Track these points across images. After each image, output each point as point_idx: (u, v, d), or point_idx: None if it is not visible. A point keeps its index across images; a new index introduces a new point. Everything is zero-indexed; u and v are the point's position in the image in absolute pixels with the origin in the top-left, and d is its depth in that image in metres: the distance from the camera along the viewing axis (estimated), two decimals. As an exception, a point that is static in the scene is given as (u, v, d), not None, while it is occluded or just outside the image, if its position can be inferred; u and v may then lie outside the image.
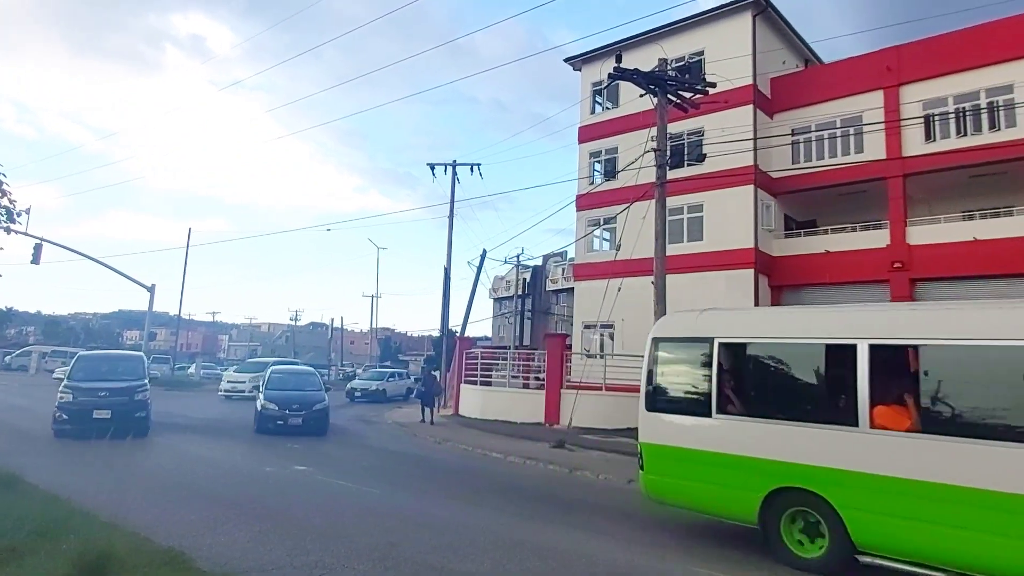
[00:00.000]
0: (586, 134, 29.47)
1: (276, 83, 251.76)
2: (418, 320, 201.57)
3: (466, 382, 22.28)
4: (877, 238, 22.79)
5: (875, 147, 22.97)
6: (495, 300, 57.88)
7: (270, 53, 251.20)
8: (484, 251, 29.95)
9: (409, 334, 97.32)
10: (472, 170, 28.56)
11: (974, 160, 20.93)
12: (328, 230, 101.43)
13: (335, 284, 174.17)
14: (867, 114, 23.13)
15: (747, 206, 23.98)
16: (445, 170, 28.52)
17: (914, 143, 22.37)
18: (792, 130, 25.06)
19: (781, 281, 24.51)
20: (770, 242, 24.71)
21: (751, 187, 23.99)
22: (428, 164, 28.48)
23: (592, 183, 28.61)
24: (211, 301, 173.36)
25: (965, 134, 21.71)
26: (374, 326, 63.96)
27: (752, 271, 23.46)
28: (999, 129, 21.03)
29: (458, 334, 28.33)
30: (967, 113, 21.77)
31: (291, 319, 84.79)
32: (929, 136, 22.32)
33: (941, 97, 22.20)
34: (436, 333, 34.50)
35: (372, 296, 59.50)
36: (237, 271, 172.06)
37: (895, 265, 21.99)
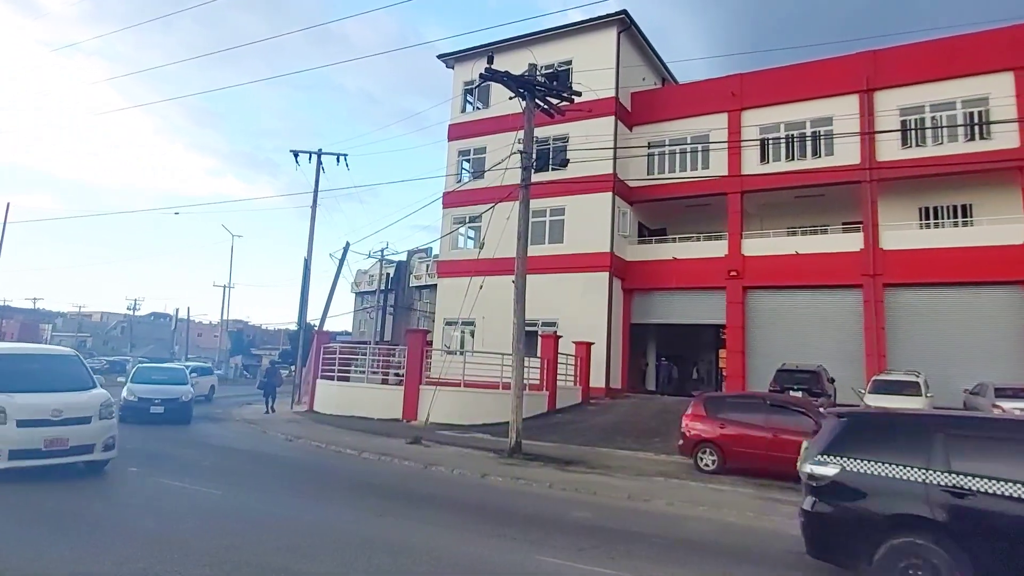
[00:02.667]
0: (456, 132, 29.58)
1: (119, 50, 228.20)
2: (275, 313, 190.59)
3: (323, 377, 21.55)
4: (717, 248, 24.93)
5: (719, 164, 25.08)
6: (357, 294, 56.48)
7: (113, 15, 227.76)
8: (347, 244, 29.11)
9: (264, 327, 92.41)
10: (338, 160, 27.59)
11: (799, 182, 23.48)
12: (176, 213, 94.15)
13: (182, 272, 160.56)
14: (713, 133, 25.25)
15: (605, 212, 25.24)
16: (310, 158, 27.33)
17: (751, 163, 24.69)
18: (648, 143, 26.77)
19: (633, 284, 26.09)
20: (625, 247, 26.20)
21: (610, 194, 25.28)
22: (292, 151, 27.07)
23: (459, 181, 28.78)
24: (33, 286, 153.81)
25: (793, 158, 24.29)
26: (225, 318, 59.89)
27: (608, 274, 24.75)
28: (820, 156, 23.75)
29: (316, 328, 27.32)
30: (795, 140, 24.37)
31: (129, 308, 77.46)
32: (764, 158, 24.74)
33: (775, 123, 24.68)
34: (294, 326, 33.00)
35: (224, 286, 55.56)
36: (66, 254, 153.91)
37: (731, 273, 24.16)
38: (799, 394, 16.93)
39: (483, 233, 23.12)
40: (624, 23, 26.46)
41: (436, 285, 31.01)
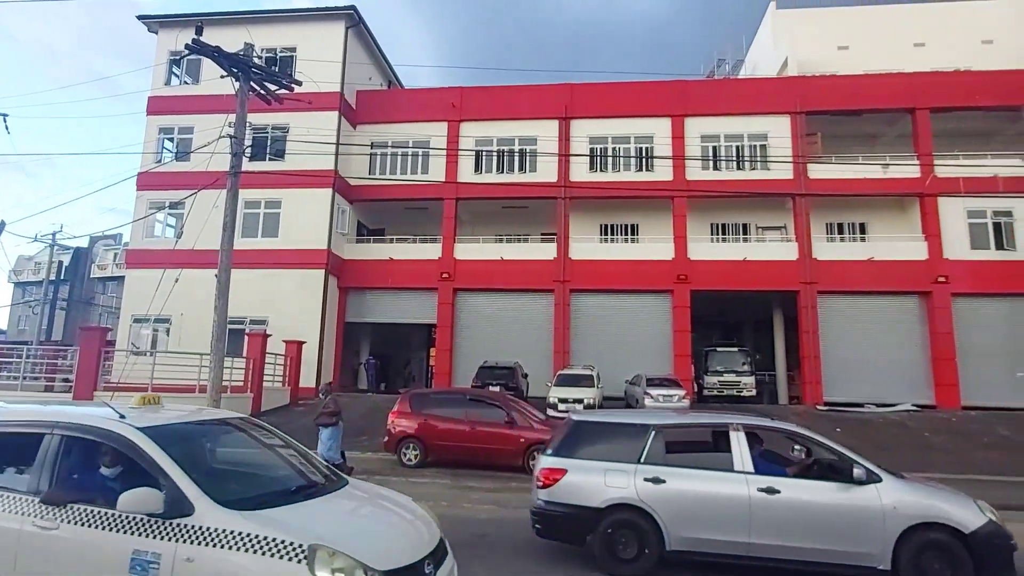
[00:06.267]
0: (158, 106, 26.41)
1: None
2: None
3: (-45, 386, 17.50)
4: (432, 251, 26.06)
5: (438, 170, 26.24)
6: (17, 285, 46.77)
7: None
8: (2, 223, 23.95)
9: None
10: (-7, 120, 22.55)
11: (506, 194, 25.67)
12: None
13: None
14: (434, 140, 26.35)
15: (324, 208, 24.73)
16: (-50, 113, 21.88)
17: (467, 172, 26.30)
18: (372, 143, 26.91)
19: (349, 283, 25.97)
20: (342, 245, 25.95)
21: (330, 190, 24.83)
22: (-81, 100, 21.38)
23: (159, 161, 25.69)
24: None
25: (503, 171, 26.48)
26: None
27: (324, 271, 24.27)
28: (525, 172, 26.26)
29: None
30: (505, 154, 26.61)
31: None
32: (478, 168, 26.56)
33: (489, 137, 26.66)
34: (-83, 322, 26.13)
35: None
36: None
37: (443, 276, 25.45)
38: (497, 389, 18.56)
39: (184, 221, 21.06)
40: (353, 19, 26.26)
41: (125, 277, 27.22)
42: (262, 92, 15.19)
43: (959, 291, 22.81)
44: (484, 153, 26.64)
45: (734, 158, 25.49)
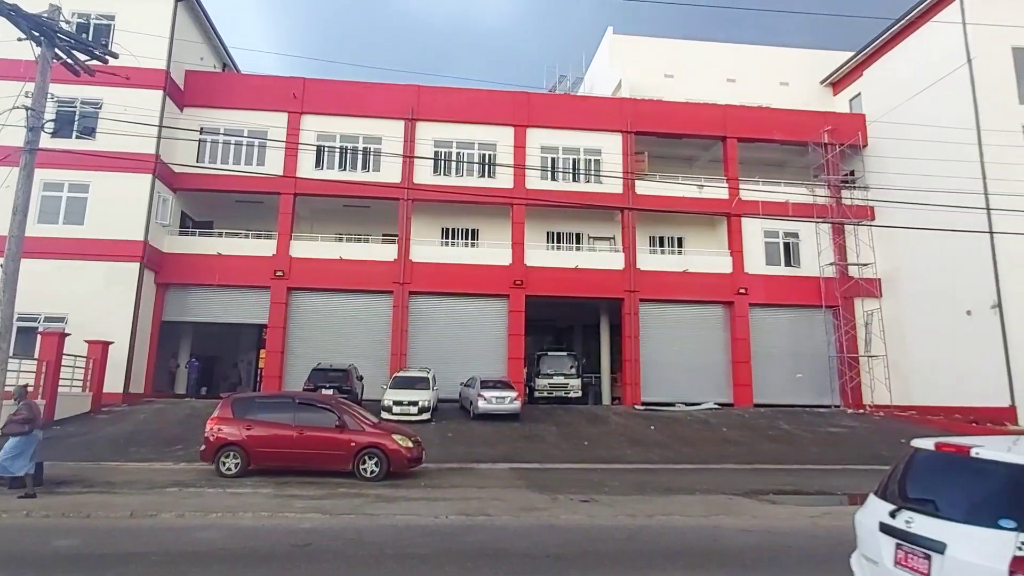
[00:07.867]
0: (-64, 66, 22.67)
1: None
2: None
3: None
4: (265, 247, 24.77)
5: (275, 163, 25.04)
6: None
7: None
8: None
9: None
10: None
11: (349, 192, 25.10)
12: None
13: None
14: (272, 131, 25.05)
15: (142, 196, 22.65)
16: None
17: (307, 167, 25.28)
18: (201, 128, 25.04)
19: (169, 279, 23.92)
20: (162, 237, 23.88)
21: (149, 176, 22.80)
22: None
23: (-65, 129, 22.10)
24: None
25: (346, 169, 25.81)
26: None
27: (139, 265, 22.20)
28: (369, 170, 25.82)
29: None
30: (349, 151, 25.95)
31: None
32: (319, 164, 25.65)
33: (332, 133, 25.88)
34: None
35: None
36: None
37: (277, 273, 24.31)
38: (330, 392, 18.10)
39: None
40: (183, -9, 24.32)
41: None
42: (70, 61, 13.70)
43: (755, 301, 25.91)
44: (326, 149, 25.82)
45: (571, 170, 26.90)
